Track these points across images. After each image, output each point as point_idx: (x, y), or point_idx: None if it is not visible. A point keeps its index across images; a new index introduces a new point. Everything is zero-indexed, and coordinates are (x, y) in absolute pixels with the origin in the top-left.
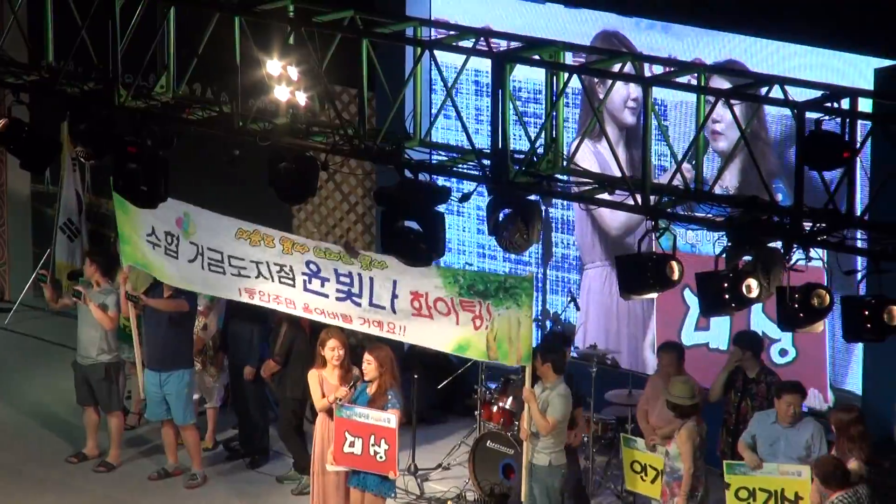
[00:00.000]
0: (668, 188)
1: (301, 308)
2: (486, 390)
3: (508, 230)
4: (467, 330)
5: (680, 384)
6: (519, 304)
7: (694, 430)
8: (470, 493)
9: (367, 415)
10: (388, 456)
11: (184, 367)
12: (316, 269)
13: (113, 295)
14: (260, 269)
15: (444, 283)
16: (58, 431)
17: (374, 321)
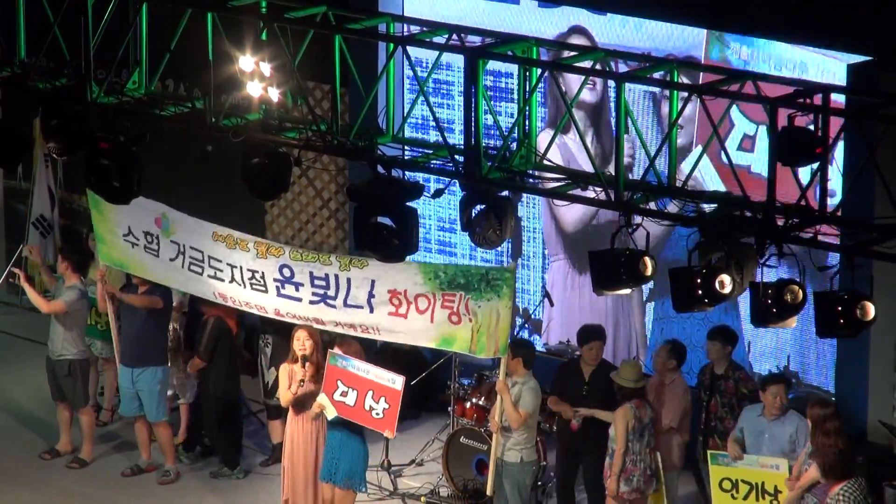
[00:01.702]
0: (641, 184)
1: (272, 312)
2: (460, 386)
3: (481, 226)
4: (447, 325)
5: (628, 367)
6: (500, 296)
7: (630, 412)
8: (444, 488)
9: (368, 370)
10: (386, 415)
11: (156, 364)
12: (290, 273)
13: (73, 291)
14: (234, 274)
15: (424, 279)
16: (31, 427)
17: (347, 324)
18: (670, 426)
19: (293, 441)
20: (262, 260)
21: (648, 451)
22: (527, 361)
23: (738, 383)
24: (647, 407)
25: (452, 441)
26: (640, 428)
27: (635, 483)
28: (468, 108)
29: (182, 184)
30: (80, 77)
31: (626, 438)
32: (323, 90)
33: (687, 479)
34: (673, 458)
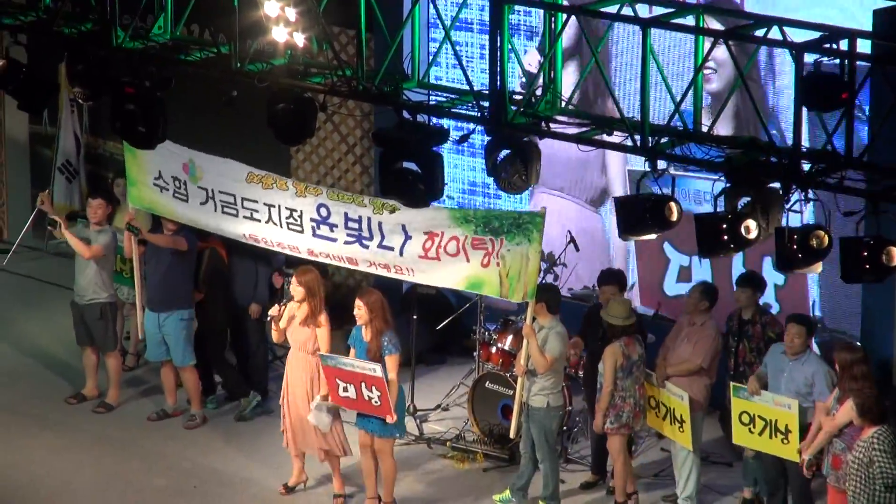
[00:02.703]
0: (666, 129)
1: (305, 252)
2: (485, 331)
3: (507, 171)
4: (477, 268)
5: (617, 304)
6: (530, 240)
7: (618, 350)
8: (469, 433)
9: (353, 364)
10: (382, 402)
11: (182, 308)
12: (326, 213)
13: (106, 234)
14: (271, 214)
15: (454, 223)
16: (57, 372)
17: (381, 264)
18: (700, 367)
19: (291, 377)
20: (300, 199)
21: (637, 387)
22: (551, 306)
23: (766, 327)
24: (637, 344)
25: (478, 386)
26: (628, 365)
27: (624, 419)
28: (493, 53)
29: (207, 129)
30: (105, 22)
31: (615, 376)
32: (348, 35)
33: (711, 422)
34: (699, 398)
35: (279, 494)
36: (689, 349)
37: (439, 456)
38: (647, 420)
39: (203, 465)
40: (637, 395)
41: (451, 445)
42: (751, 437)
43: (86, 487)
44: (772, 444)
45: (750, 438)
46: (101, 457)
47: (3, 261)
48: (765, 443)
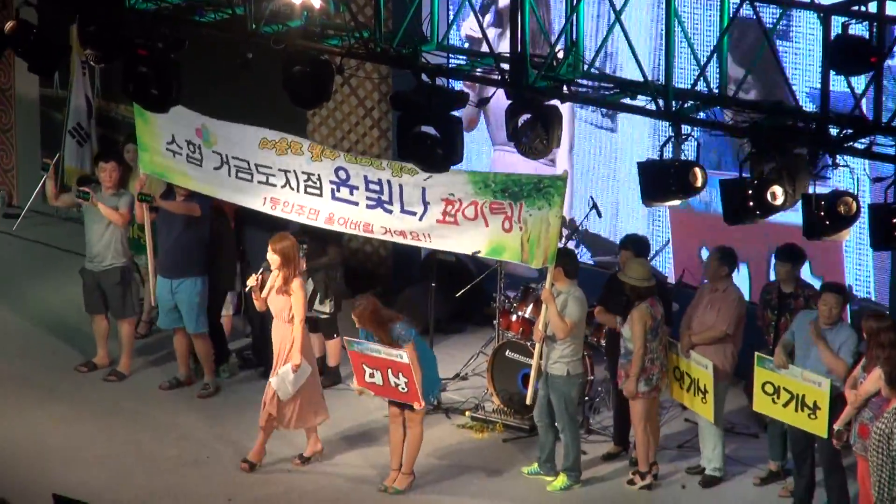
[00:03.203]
0: (691, 93)
1: (324, 218)
2: (505, 299)
3: (528, 136)
4: (499, 232)
5: (636, 265)
6: (551, 204)
7: (646, 312)
8: (488, 403)
9: (379, 350)
10: (409, 388)
11: (196, 275)
12: (345, 176)
13: (126, 196)
14: (288, 178)
15: (474, 188)
16: (67, 340)
17: (398, 230)
18: (725, 333)
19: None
20: (317, 163)
21: (661, 348)
22: (568, 271)
23: (809, 300)
24: (658, 304)
25: (497, 355)
26: (654, 326)
27: (654, 381)
28: (514, 14)
29: (221, 92)
30: None
31: (644, 338)
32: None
33: (737, 392)
34: (725, 366)
35: (294, 465)
36: (712, 316)
37: (458, 426)
38: (672, 392)
39: (217, 434)
40: (662, 356)
41: (469, 415)
42: (773, 407)
43: (97, 458)
44: (798, 417)
45: (772, 408)
46: (113, 427)
47: (13, 226)
48: (790, 415)
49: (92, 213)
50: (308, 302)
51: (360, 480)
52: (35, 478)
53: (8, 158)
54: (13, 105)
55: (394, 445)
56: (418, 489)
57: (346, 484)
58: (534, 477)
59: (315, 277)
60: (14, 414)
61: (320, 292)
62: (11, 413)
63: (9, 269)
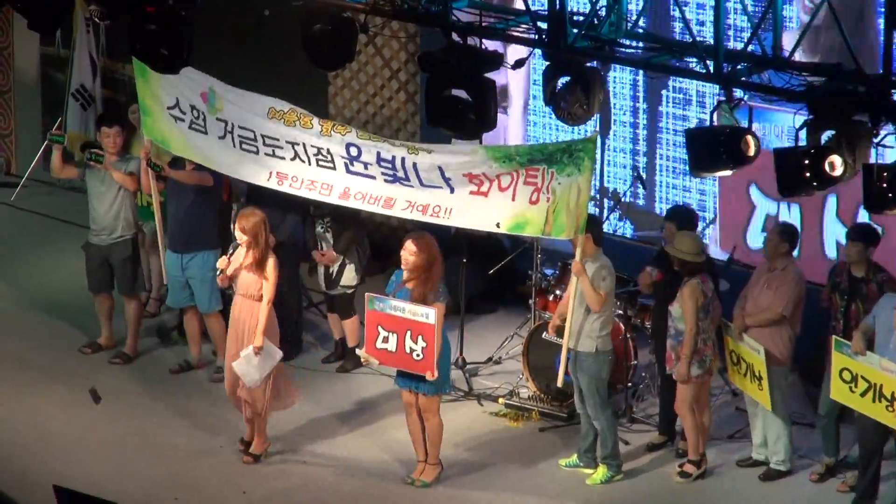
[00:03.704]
0: (743, 55)
1: (338, 194)
2: (542, 277)
3: (567, 100)
4: (524, 206)
5: (686, 238)
6: (581, 169)
7: (697, 289)
8: (523, 389)
9: (404, 308)
10: (425, 354)
11: (208, 249)
12: (357, 152)
13: (134, 161)
14: (296, 151)
15: (497, 164)
16: (70, 318)
17: (420, 205)
18: (782, 315)
19: (238, 324)
20: (326, 138)
21: (712, 327)
22: (597, 238)
23: (883, 286)
24: (710, 280)
25: (533, 337)
26: (706, 304)
27: (707, 364)
28: None
29: (236, 53)
30: None
31: (696, 317)
32: None
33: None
34: (781, 352)
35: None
36: (769, 296)
37: (491, 414)
38: (730, 376)
39: (230, 422)
40: (714, 336)
41: (503, 402)
42: (850, 396)
43: (100, 446)
44: (875, 408)
45: (850, 397)
46: (117, 412)
47: (12, 195)
48: (867, 405)
49: (97, 181)
50: (334, 280)
51: (383, 473)
52: (34, 467)
53: (6, 123)
54: (11, 65)
55: (414, 436)
56: (447, 481)
57: (367, 477)
58: (572, 469)
59: (348, 256)
60: (12, 398)
61: (354, 263)
62: (9, 397)
63: (6, 242)
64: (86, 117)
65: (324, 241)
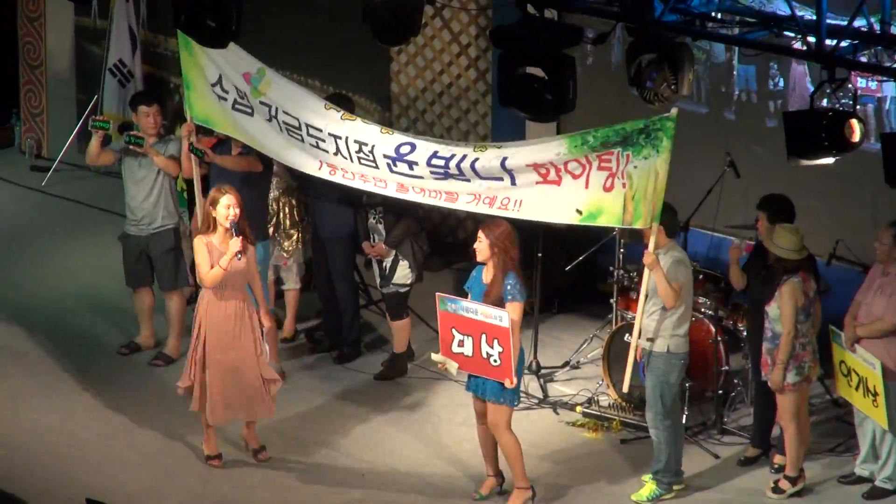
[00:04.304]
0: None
1: (395, 188)
2: (625, 273)
3: (653, 79)
4: (598, 193)
5: (786, 233)
6: (659, 150)
7: (798, 288)
8: (604, 396)
9: (476, 310)
10: (502, 360)
11: (256, 239)
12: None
13: (175, 143)
14: (338, 145)
15: (568, 147)
16: (106, 315)
17: (486, 197)
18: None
19: (217, 325)
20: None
21: (813, 331)
22: (669, 228)
23: None
24: (811, 279)
25: (615, 339)
26: (806, 305)
27: (806, 371)
28: None
29: (289, 26)
30: None
31: (794, 319)
32: None
33: None
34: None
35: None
36: (882, 304)
37: (567, 424)
38: (838, 388)
39: (279, 430)
40: (815, 340)
41: (581, 411)
42: (849, 391)
43: (137, 456)
44: (865, 402)
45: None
46: (157, 420)
47: (43, 180)
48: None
49: (135, 165)
50: (387, 276)
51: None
52: (64, 479)
53: (37, 100)
54: (43, 38)
55: (484, 448)
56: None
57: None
58: None
59: (401, 250)
60: (41, 403)
61: (408, 260)
62: (38, 402)
63: (37, 232)
64: (124, 95)
65: (376, 233)
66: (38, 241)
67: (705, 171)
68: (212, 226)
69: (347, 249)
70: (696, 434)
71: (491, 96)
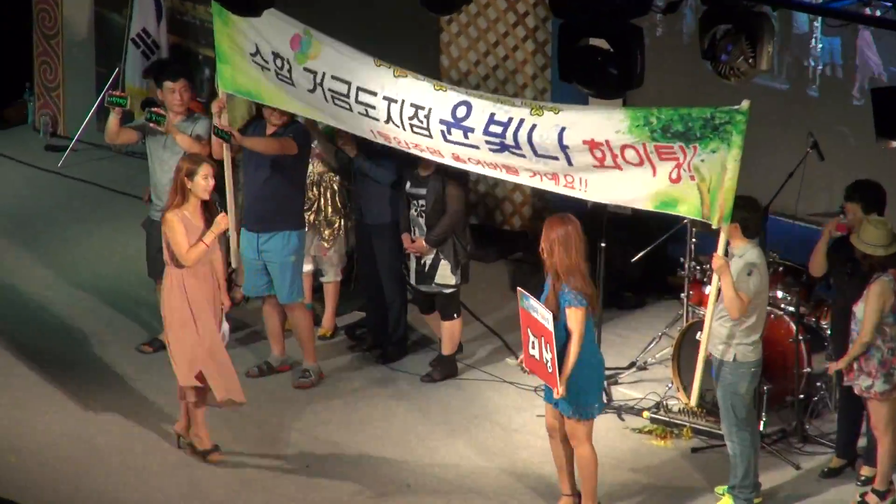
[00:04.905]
0: None
1: (450, 156)
2: (697, 265)
3: (728, 52)
4: (664, 183)
5: (872, 227)
6: (729, 144)
7: (888, 287)
8: (673, 400)
9: (536, 308)
10: (552, 367)
11: (290, 228)
12: (466, 112)
13: (203, 122)
14: (391, 112)
15: (629, 126)
16: (126, 309)
17: (548, 173)
18: None
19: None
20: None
21: None
22: (748, 227)
23: None
24: None
25: (686, 338)
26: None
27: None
28: None
29: None
30: None
31: (877, 322)
32: None
33: None
34: None
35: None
36: None
37: (633, 430)
38: None
39: (317, 437)
40: None
41: (649, 417)
42: None
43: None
44: None
45: None
46: None
47: (59, 161)
48: None
49: (159, 146)
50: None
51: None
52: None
53: (52, 74)
54: (60, 4)
55: (558, 464)
56: None
57: None
58: None
59: (442, 250)
60: (58, 407)
61: (449, 261)
62: (54, 405)
63: (52, 217)
64: None
65: (416, 227)
66: (52, 227)
67: (786, 154)
68: (184, 198)
69: (396, 238)
70: (775, 443)
71: (550, 71)
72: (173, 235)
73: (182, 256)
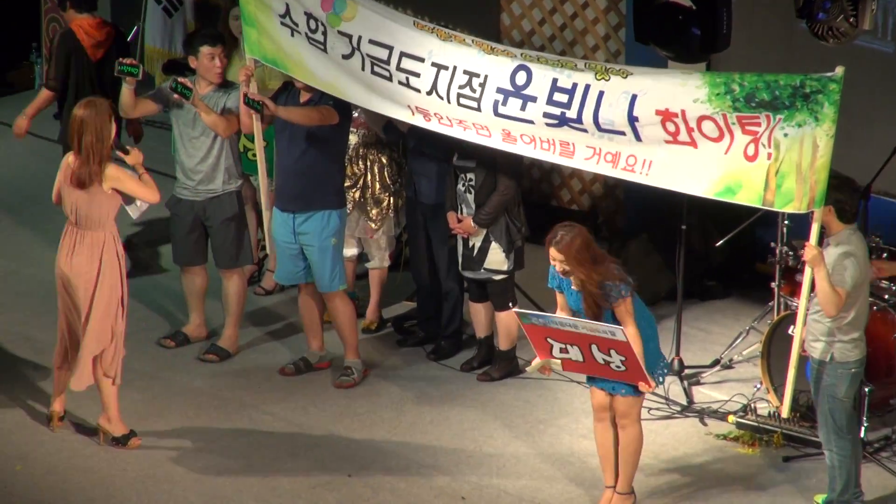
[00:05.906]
0: None
1: (499, 137)
2: (789, 251)
3: (826, 10)
4: (739, 162)
5: None
6: (819, 118)
7: None
8: (762, 403)
9: (575, 325)
10: (629, 367)
11: (330, 208)
12: (525, 80)
13: (236, 93)
14: (437, 82)
15: (708, 94)
16: (146, 300)
17: (608, 153)
18: None
19: None
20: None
21: None
22: (843, 210)
23: None
24: None
25: (776, 333)
26: None
27: None
28: None
29: None
30: None
31: None
32: None
33: None
34: None
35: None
36: None
37: (717, 436)
38: None
39: (360, 443)
40: None
41: (734, 421)
42: None
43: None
44: None
45: None
46: (210, 429)
47: None
48: None
49: (188, 119)
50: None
51: None
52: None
53: None
54: None
55: (603, 451)
56: None
57: None
58: None
59: (493, 231)
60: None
61: (501, 244)
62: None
63: None
64: (170, 28)
65: (464, 203)
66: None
67: (890, 125)
68: None
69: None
70: (878, 451)
71: (625, 31)
72: (126, 183)
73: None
